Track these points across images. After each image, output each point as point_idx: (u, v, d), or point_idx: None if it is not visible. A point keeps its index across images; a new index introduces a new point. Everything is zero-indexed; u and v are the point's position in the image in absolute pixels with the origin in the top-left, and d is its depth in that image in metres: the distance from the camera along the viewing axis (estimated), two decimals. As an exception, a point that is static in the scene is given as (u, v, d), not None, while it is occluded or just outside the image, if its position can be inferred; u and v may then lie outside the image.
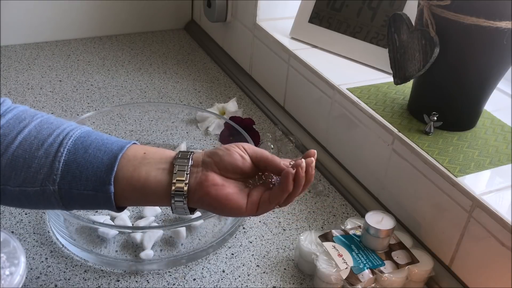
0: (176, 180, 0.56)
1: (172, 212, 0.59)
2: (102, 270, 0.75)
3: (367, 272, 0.71)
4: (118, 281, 0.74)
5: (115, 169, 0.55)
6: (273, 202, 0.58)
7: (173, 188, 0.56)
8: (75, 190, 0.56)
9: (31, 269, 0.74)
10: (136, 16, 1.44)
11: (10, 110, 0.59)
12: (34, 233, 0.80)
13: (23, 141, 0.56)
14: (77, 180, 0.56)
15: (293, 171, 0.56)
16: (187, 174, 0.57)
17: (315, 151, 0.59)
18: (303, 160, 0.57)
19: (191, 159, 0.58)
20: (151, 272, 0.76)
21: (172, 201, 0.56)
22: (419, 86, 0.84)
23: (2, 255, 0.57)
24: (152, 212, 0.84)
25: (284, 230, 0.85)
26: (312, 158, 0.58)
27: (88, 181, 0.56)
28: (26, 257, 0.75)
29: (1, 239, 0.58)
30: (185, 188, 0.56)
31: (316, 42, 1.07)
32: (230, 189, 0.58)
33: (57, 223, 0.77)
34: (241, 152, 0.60)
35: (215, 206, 0.57)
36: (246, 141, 0.90)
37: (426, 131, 0.81)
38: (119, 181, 0.56)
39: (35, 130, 0.57)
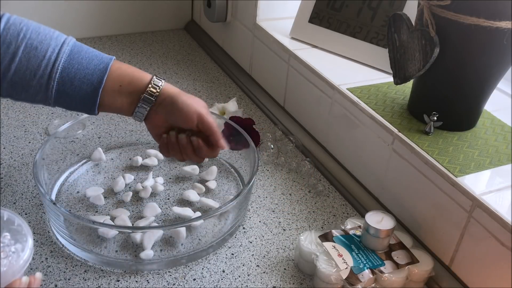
0: (136, 112, 0.74)
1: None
2: (102, 270, 0.75)
3: (367, 272, 0.71)
4: (118, 281, 0.74)
5: (98, 100, 0.70)
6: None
7: (134, 115, 0.74)
8: (68, 108, 0.73)
9: (31, 269, 0.74)
10: (136, 16, 1.44)
11: None
12: (34, 233, 0.80)
13: (17, 70, 0.67)
14: (68, 105, 0.72)
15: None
16: (144, 114, 0.74)
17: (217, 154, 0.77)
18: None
19: (155, 99, 0.73)
20: (151, 272, 0.76)
21: (133, 116, 0.74)
22: (419, 86, 0.84)
23: (6, 233, 0.57)
24: (152, 212, 0.84)
25: (284, 230, 0.85)
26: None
27: (77, 106, 0.72)
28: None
29: (5, 218, 0.59)
30: (142, 118, 0.75)
31: (316, 42, 1.07)
32: (160, 134, 0.77)
33: (57, 223, 0.77)
34: (190, 119, 0.73)
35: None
36: (247, 142, 0.90)
37: (426, 131, 0.81)
38: (101, 106, 0.72)
39: (24, 59, 0.67)
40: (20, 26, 0.67)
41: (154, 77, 0.74)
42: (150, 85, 0.72)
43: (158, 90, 0.73)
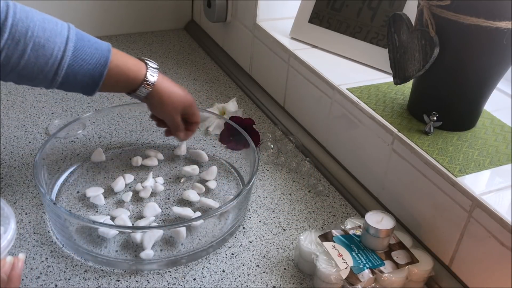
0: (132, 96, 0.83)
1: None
2: (102, 270, 0.75)
3: (367, 272, 0.71)
4: (118, 281, 0.74)
5: (97, 89, 0.77)
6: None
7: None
8: (67, 91, 0.78)
9: (31, 269, 0.74)
10: (136, 16, 1.44)
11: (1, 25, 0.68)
12: (34, 233, 0.80)
13: (25, 66, 0.70)
14: (69, 90, 0.77)
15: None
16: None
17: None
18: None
19: (145, 95, 0.81)
20: (151, 272, 0.76)
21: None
22: (419, 86, 0.84)
23: None
24: (152, 212, 0.84)
25: (284, 230, 0.85)
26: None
27: (77, 91, 0.78)
28: (26, 256, 0.75)
29: None
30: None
31: (316, 42, 1.07)
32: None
33: (57, 223, 0.77)
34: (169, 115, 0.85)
35: None
36: (247, 142, 0.90)
37: (426, 131, 0.81)
38: (99, 91, 0.78)
39: (33, 56, 0.70)
40: (27, 22, 0.69)
41: (148, 71, 0.80)
42: (141, 86, 0.80)
43: (148, 90, 0.81)
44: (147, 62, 0.81)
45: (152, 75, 0.80)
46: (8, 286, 0.58)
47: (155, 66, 0.82)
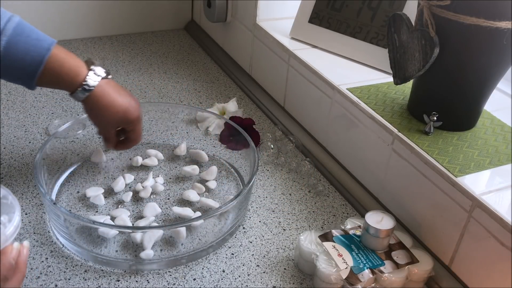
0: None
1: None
2: (102, 270, 0.75)
3: (367, 272, 0.71)
4: (118, 281, 0.74)
5: (34, 83, 0.76)
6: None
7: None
8: (8, 81, 0.78)
9: (31, 269, 0.74)
10: (136, 16, 1.44)
11: None
12: (34, 233, 0.80)
13: None
14: (10, 81, 0.78)
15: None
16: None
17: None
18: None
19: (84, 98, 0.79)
20: (151, 272, 0.76)
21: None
22: (419, 86, 0.84)
23: None
24: (152, 212, 0.84)
25: (284, 230, 0.85)
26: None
27: (18, 83, 0.77)
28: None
29: None
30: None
31: (316, 42, 1.07)
32: None
33: (57, 223, 0.77)
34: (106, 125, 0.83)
35: None
36: (246, 141, 0.90)
37: (426, 131, 0.81)
38: (37, 83, 0.77)
39: None
40: None
41: (88, 76, 0.77)
42: (78, 89, 0.78)
43: (85, 95, 0.78)
44: (93, 67, 0.78)
45: (92, 81, 0.77)
46: (16, 271, 0.60)
47: (101, 72, 0.79)
